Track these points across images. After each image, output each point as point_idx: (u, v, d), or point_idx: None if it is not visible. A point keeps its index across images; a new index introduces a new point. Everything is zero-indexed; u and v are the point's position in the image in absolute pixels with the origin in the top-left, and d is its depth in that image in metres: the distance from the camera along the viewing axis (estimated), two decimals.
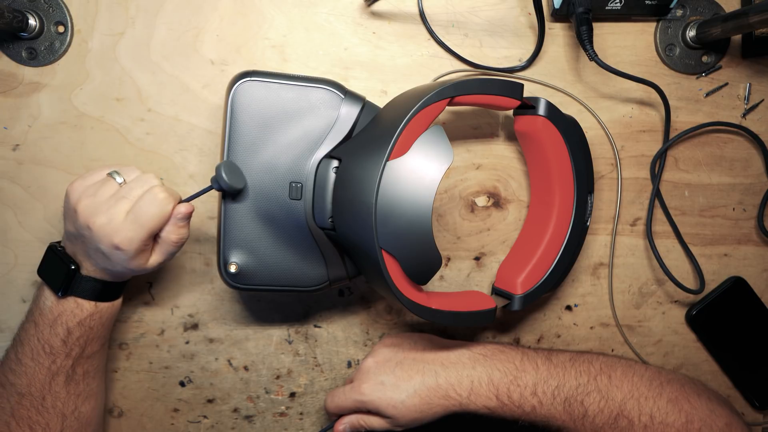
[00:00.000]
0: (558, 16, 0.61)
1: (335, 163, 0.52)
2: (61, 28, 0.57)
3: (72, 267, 0.50)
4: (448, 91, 0.49)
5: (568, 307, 0.66)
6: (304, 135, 0.53)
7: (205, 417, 0.63)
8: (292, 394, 0.64)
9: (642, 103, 0.64)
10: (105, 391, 0.58)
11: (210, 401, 0.63)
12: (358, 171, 0.48)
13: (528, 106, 0.56)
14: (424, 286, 0.54)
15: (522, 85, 0.53)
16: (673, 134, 0.64)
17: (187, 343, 0.62)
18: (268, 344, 0.63)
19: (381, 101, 0.58)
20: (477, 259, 0.64)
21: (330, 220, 0.52)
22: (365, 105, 0.54)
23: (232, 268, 0.53)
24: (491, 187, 0.63)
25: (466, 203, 0.63)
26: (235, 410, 0.63)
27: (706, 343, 0.67)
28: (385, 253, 0.47)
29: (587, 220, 0.59)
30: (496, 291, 0.61)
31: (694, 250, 0.66)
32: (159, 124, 0.59)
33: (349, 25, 0.60)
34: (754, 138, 0.65)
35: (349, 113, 0.53)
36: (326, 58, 0.60)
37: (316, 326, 0.63)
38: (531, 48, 0.62)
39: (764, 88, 0.65)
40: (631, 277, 0.66)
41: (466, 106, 0.59)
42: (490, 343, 0.58)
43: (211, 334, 0.62)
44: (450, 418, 0.54)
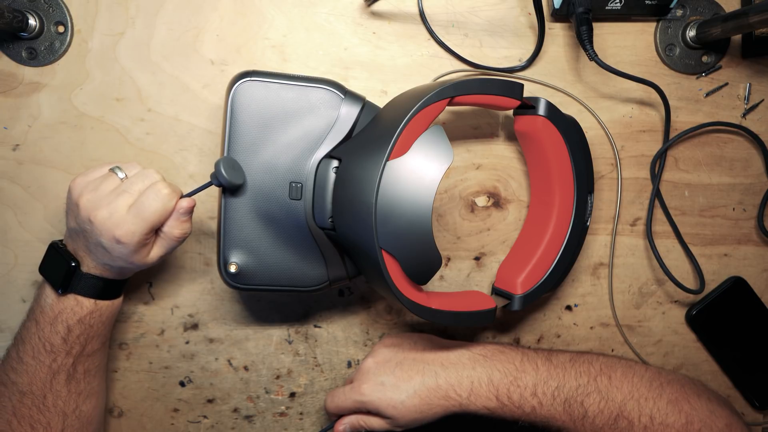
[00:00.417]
0: (558, 16, 0.61)
1: (335, 163, 0.52)
2: (61, 28, 0.57)
3: (72, 264, 0.50)
4: (448, 91, 0.49)
5: (568, 307, 0.66)
6: (304, 135, 0.53)
7: (205, 417, 0.63)
8: (292, 394, 0.64)
9: (642, 103, 0.64)
10: (106, 390, 0.58)
11: (210, 401, 0.63)
12: (358, 171, 0.48)
13: (528, 106, 0.56)
14: (424, 286, 0.54)
15: (522, 85, 0.53)
16: (673, 134, 0.64)
17: (187, 343, 0.62)
18: (268, 344, 0.63)
19: (381, 101, 0.58)
20: (477, 259, 0.64)
21: (330, 220, 0.52)
22: (365, 105, 0.54)
23: (232, 268, 0.53)
24: (491, 187, 0.63)
25: (466, 203, 0.63)
26: (235, 410, 0.63)
27: (706, 343, 0.67)
28: (385, 253, 0.47)
29: (587, 220, 0.59)
30: (496, 291, 0.61)
31: (694, 250, 0.66)
32: (159, 124, 0.59)
33: (349, 25, 0.60)
34: (754, 138, 0.65)
35: (349, 113, 0.53)
36: (326, 58, 0.60)
37: (316, 326, 0.63)
38: (531, 48, 0.62)
39: (764, 88, 0.65)
40: (631, 277, 0.66)
41: (466, 106, 0.59)
42: (490, 343, 0.58)
43: (211, 334, 0.62)
44: (450, 418, 0.54)
